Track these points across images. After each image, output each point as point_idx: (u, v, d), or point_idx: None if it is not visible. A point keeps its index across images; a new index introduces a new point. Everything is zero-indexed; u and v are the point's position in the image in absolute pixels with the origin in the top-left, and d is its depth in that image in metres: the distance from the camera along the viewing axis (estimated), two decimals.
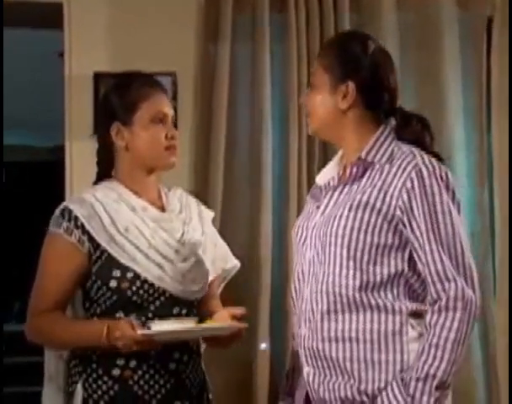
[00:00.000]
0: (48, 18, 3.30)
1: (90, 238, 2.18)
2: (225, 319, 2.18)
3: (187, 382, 2.24)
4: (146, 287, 2.18)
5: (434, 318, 1.88)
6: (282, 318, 3.11)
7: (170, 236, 2.25)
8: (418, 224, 1.92)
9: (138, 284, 2.18)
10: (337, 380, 1.97)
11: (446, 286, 1.89)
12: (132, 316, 2.15)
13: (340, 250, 1.96)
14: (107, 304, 2.20)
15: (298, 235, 2.11)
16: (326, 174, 2.12)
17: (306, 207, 2.19)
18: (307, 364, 2.03)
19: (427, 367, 1.86)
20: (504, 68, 3.30)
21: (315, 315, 2.00)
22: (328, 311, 1.97)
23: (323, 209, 2.04)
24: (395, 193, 1.94)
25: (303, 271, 2.06)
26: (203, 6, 3.16)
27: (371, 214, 1.94)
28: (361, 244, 1.94)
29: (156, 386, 2.18)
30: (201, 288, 2.29)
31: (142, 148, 2.25)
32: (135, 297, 2.18)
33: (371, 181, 1.98)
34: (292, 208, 3.12)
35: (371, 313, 1.94)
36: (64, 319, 2.22)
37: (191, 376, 2.26)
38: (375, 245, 1.93)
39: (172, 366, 2.21)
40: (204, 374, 2.33)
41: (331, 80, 2.04)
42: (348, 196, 2.00)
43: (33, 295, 2.24)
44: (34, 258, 2.32)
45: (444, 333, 1.86)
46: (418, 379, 1.86)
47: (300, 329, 2.06)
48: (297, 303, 2.09)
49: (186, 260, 2.25)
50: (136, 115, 2.25)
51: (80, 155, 3.18)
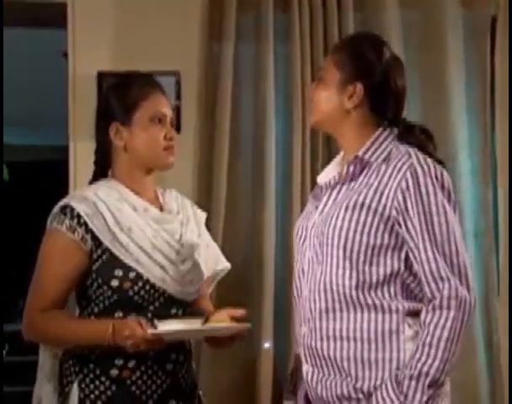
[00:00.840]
0: (52, 17, 3.31)
1: (93, 237, 2.18)
2: (224, 320, 2.19)
3: (182, 382, 2.26)
4: (147, 287, 2.19)
5: (428, 317, 1.89)
6: (285, 318, 3.11)
7: (171, 236, 2.26)
8: (413, 224, 1.92)
9: (140, 285, 2.18)
10: (334, 378, 1.98)
11: (440, 285, 1.89)
12: (132, 316, 2.15)
13: (336, 250, 1.97)
14: (106, 303, 2.20)
15: (298, 235, 2.13)
16: (327, 174, 2.13)
17: (306, 207, 2.20)
18: (306, 363, 2.04)
19: (420, 365, 1.86)
20: (507, 67, 3.29)
21: (313, 313, 2.01)
22: (326, 310, 1.98)
23: (322, 208, 2.06)
24: (390, 193, 1.94)
25: (303, 270, 2.08)
26: (207, 5, 3.16)
27: (367, 214, 1.95)
28: (357, 245, 1.95)
29: (153, 386, 2.19)
30: (197, 289, 2.31)
31: (141, 148, 2.25)
32: (136, 297, 2.18)
33: (368, 181, 1.99)
34: (296, 208, 3.13)
35: (368, 312, 1.95)
36: (64, 317, 2.20)
37: (186, 376, 2.28)
38: (371, 245, 1.94)
39: (169, 367, 2.22)
40: (194, 372, 2.35)
41: (341, 77, 2.05)
42: (345, 196, 2.01)
43: (31, 292, 2.21)
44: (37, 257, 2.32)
45: (437, 332, 1.86)
46: (411, 377, 1.86)
47: (300, 328, 2.07)
48: (298, 302, 2.10)
49: (185, 261, 2.26)
50: (135, 115, 2.25)
51: (84, 154, 3.17)
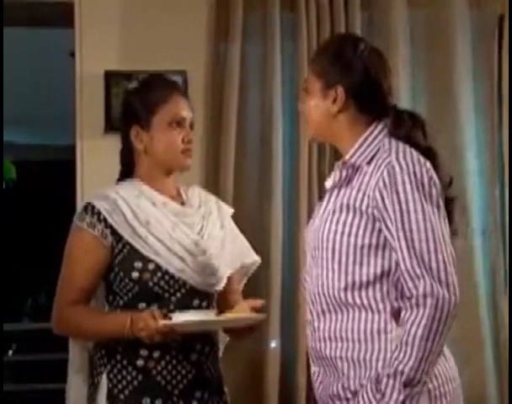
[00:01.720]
0: (59, 17, 3.31)
1: (113, 231, 2.24)
2: (245, 311, 2.22)
3: (207, 373, 2.29)
4: (166, 278, 2.23)
5: (406, 315, 1.87)
6: (292, 317, 3.11)
7: (190, 229, 2.30)
8: (390, 222, 1.91)
9: (159, 275, 2.22)
10: (331, 378, 2.00)
11: (416, 283, 1.87)
12: (154, 308, 2.19)
13: (326, 253, 1.98)
14: (129, 295, 2.25)
15: (306, 238, 2.15)
16: (332, 178, 2.13)
17: (315, 210, 2.20)
18: (313, 364, 2.06)
19: (396, 363, 1.85)
20: None
21: (313, 315, 2.04)
22: (322, 312, 2.01)
23: (322, 212, 2.07)
24: (370, 193, 1.94)
25: (306, 272, 2.10)
26: (214, 5, 3.16)
27: (354, 216, 1.95)
28: (345, 246, 1.95)
29: (178, 376, 2.23)
30: (220, 281, 2.33)
31: (159, 151, 2.30)
32: (156, 288, 2.22)
33: (355, 183, 1.99)
34: (302, 208, 3.13)
35: (358, 312, 1.95)
36: (89, 311, 2.28)
37: (211, 368, 2.31)
38: (359, 246, 1.94)
39: (193, 357, 2.26)
40: (221, 367, 2.38)
41: (322, 85, 2.05)
42: (337, 199, 2.02)
43: (58, 288, 2.28)
44: (46, 256, 2.34)
45: (412, 330, 1.85)
46: (388, 375, 1.85)
47: (306, 329, 2.10)
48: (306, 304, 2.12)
49: (205, 253, 2.29)
50: (154, 119, 2.29)
51: (91, 153, 3.19)
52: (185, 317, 2.13)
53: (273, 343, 3.08)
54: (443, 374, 1.95)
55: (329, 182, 2.13)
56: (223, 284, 2.35)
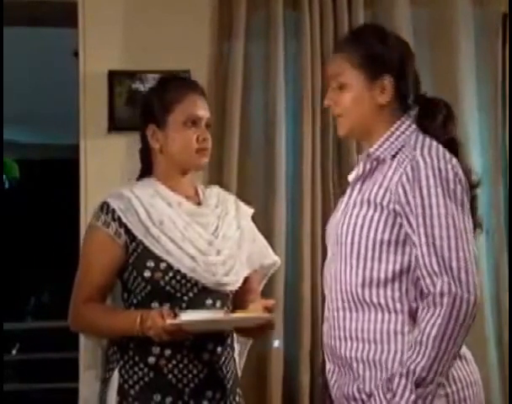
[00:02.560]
0: (63, 16, 3.31)
1: (127, 231, 2.25)
2: (257, 311, 2.22)
3: (219, 373, 2.29)
4: (178, 277, 2.24)
5: (422, 314, 1.85)
6: (296, 315, 3.11)
7: (204, 229, 2.31)
8: (412, 217, 1.88)
9: (171, 275, 2.23)
10: (345, 378, 1.98)
11: (434, 280, 1.84)
12: (165, 307, 2.20)
13: (345, 248, 1.96)
14: (142, 294, 2.27)
15: (327, 232, 2.13)
16: (356, 170, 2.09)
17: (338, 204, 2.16)
18: (328, 361, 2.05)
19: (409, 362, 1.82)
20: None
21: (330, 312, 2.02)
22: (338, 309, 1.99)
23: (344, 206, 2.04)
24: (393, 187, 1.91)
25: (326, 267, 2.07)
26: (217, 4, 3.16)
27: (375, 210, 1.93)
28: (364, 240, 1.93)
29: (189, 376, 2.24)
30: (234, 281, 2.33)
31: (175, 151, 2.31)
32: (168, 287, 2.23)
33: (377, 176, 1.97)
34: (306, 205, 3.13)
35: (375, 312, 1.93)
36: (103, 308, 2.30)
37: (224, 368, 2.30)
38: (378, 241, 1.92)
39: (205, 356, 2.26)
40: (236, 368, 2.38)
41: (365, 76, 2.00)
42: (359, 193, 2.00)
43: (75, 286, 2.31)
44: (49, 255, 2.35)
45: (427, 329, 1.82)
46: (400, 374, 1.82)
47: (323, 326, 2.08)
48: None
49: (219, 253, 2.30)
50: (169, 118, 2.31)
51: (94, 153, 3.19)
52: (191, 316, 2.13)
53: (276, 342, 3.07)
54: (463, 378, 1.92)
55: (352, 175, 2.08)
56: (238, 285, 2.34)
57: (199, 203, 2.37)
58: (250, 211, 2.48)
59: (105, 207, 2.27)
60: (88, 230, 2.33)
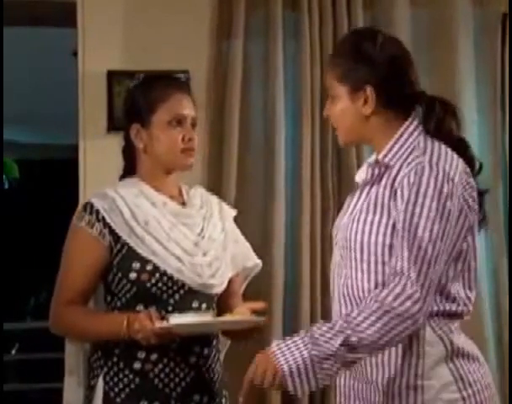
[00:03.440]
0: (62, 16, 3.31)
1: (111, 231, 2.21)
2: (244, 313, 2.21)
3: (206, 376, 2.27)
4: (165, 279, 2.20)
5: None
6: (295, 316, 3.10)
7: (190, 230, 2.28)
8: (401, 218, 1.84)
9: (157, 276, 2.20)
10: (360, 383, 1.95)
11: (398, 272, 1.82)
12: (152, 309, 2.17)
13: (354, 253, 1.93)
14: (127, 296, 2.23)
15: (334, 234, 2.09)
16: (362, 172, 2.06)
17: (344, 205, 2.12)
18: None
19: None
20: None
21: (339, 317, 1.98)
22: None
23: (352, 209, 2.01)
24: (398, 188, 1.88)
25: (334, 271, 2.04)
26: (216, 4, 3.16)
27: (382, 215, 1.90)
28: (373, 245, 1.90)
29: (176, 379, 2.21)
30: (220, 283, 2.31)
31: (159, 150, 2.27)
32: (154, 289, 2.20)
33: (386, 181, 1.93)
34: (305, 206, 3.12)
35: None
36: (86, 311, 2.25)
37: (210, 370, 2.28)
38: (387, 245, 1.89)
39: (192, 360, 2.23)
40: (222, 370, 2.35)
41: (347, 88, 1.96)
42: (367, 198, 1.97)
43: (56, 287, 2.27)
44: (48, 255, 2.34)
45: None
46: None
47: None
48: (332, 303, 2.06)
49: (205, 254, 2.27)
50: (154, 117, 2.27)
51: (94, 152, 3.19)
52: (182, 319, 2.10)
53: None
54: (478, 381, 1.90)
55: (360, 175, 2.06)
56: (224, 287, 2.32)
57: (183, 203, 2.33)
58: (233, 212, 2.45)
59: (89, 207, 2.22)
60: (71, 230, 2.26)
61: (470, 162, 1.95)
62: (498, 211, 3.26)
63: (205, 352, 2.26)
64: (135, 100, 2.31)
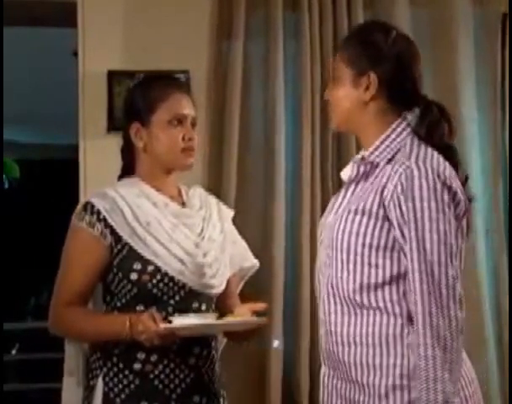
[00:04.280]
0: (62, 16, 3.31)
1: (112, 231, 2.20)
2: (245, 314, 2.20)
3: (206, 377, 2.27)
4: (166, 280, 2.20)
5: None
6: (295, 315, 3.10)
7: (190, 231, 2.27)
8: (405, 230, 1.87)
9: (158, 277, 2.20)
10: (345, 383, 1.96)
11: (417, 299, 1.85)
12: (152, 310, 2.16)
13: (341, 254, 1.94)
14: (127, 297, 2.22)
15: (318, 232, 2.11)
16: (348, 169, 2.08)
17: (330, 203, 2.14)
18: (324, 365, 2.03)
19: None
20: None
21: (326, 316, 2.00)
22: (336, 313, 1.97)
23: (336, 208, 2.03)
24: (388, 196, 1.89)
25: (320, 270, 2.05)
26: (216, 4, 3.16)
27: (369, 217, 1.91)
28: (360, 246, 1.91)
29: (176, 380, 2.21)
30: (220, 283, 2.31)
31: (159, 150, 2.27)
32: (155, 290, 2.20)
33: (373, 181, 1.95)
34: (305, 205, 3.12)
35: (373, 316, 1.91)
36: (86, 311, 2.25)
37: (210, 371, 2.28)
38: (374, 247, 1.90)
39: (192, 361, 2.23)
40: (219, 369, 2.35)
41: (353, 72, 2.00)
42: (353, 197, 1.98)
43: (56, 288, 2.26)
44: (49, 255, 2.34)
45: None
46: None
47: (319, 329, 2.06)
48: (319, 303, 2.07)
49: (206, 255, 2.27)
50: (154, 117, 2.26)
51: (94, 153, 3.19)
52: (187, 321, 2.11)
53: (275, 343, 3.07)
54: (462, 377, 1.91)
55: (345, 172, 2.07)
56: (223, 287, 2.32)
57: (183, 203, 2.33)
58: (231, 213, 2.46)
59: (89, 207, 2.21)
60: (71, 230, 2.25)
61: (456, 170, 1.96)
62: (498, 211, 3.26)
63: (205, 353, 2.26)
64: (135, 99, 2.31)
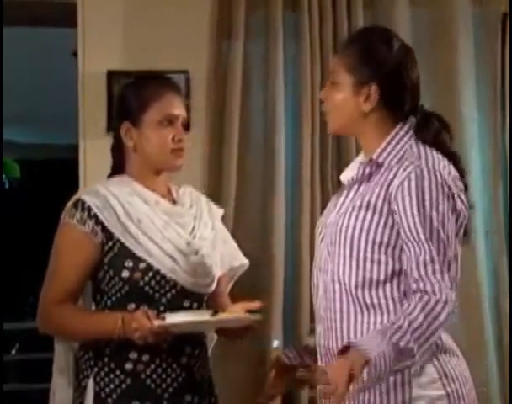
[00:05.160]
0: (62, 16, 3.31)
1: (103, 228, 2.19)
2: (238, 311, 2.20)
3: (197, 376, 2.27)
4: (158, 278, 2.20)
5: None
6: (295, 314, 3.10)
7: (182, 229, 2.27)
8: (412, 226, 1.88)
9: (150, 275, 2.19)
10: None
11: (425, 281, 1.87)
12: (144, 308, 2.15)
13: (343, 250, 1.95)
14: (118, 295, 2.21)
15: (318, 232, 2.11)
16: (349, 172, 2.10)
17: (329, 204, 2.16)
18: (322, 362, 2.02)
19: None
20: None
21: (326, 313, 2.00)
22: (335, 310, 1.97)
23: (339, 207, 2.04)
24: (393, 191, 1.91)
25: (320, 268, 2.05)
26: (216, 4, 3.16)
27: (373, 213, 1.93)
28: (363, 242, 1.92)
29: (168, 380, 2.21)
30: (211, 282, 2.31)
31: (149, 150, 2.26)
32: (146, 288, 2.19)
33: (378, 180, 1.96)
34: (305, 206, 3.12)
35: (374, 315, 1.92)
36: (75, 310, 2.23)
37: (201, 370, 2.28)
38: (377, 243, 1.92)
39: (183, 360, 2.23)
40: (210, 369, 2.35)
41: (353, 80, 2.00)
42: (357, 196, 1.99)
43: (45, 285, 2.25)
44: (48, 254, 2.33)
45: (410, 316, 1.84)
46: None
47: (316, 326, 2.06)
48: (315, 300, 2.08)
49: (197, 253, 2.27)
50: (145, 116, 2.26)
51: (93, 152, 3.19)
52: (180, 318, 2.10)
53: (276, 342, 3.07)
54: (459, 376, 1.93)
55: (347, 174, 2.09)
56: (214, 286, 2.32)
57: (173, 201, 2.33)
58: (221, 212, 2.45)
59: (80, 204, 2.20)
60: (62, 227, 2.23)
61: (460, 175, 1.99)
62: (498, 212, 3.26)
63: (196, 352, 2.26)
64: (126, 99, 2.30)
